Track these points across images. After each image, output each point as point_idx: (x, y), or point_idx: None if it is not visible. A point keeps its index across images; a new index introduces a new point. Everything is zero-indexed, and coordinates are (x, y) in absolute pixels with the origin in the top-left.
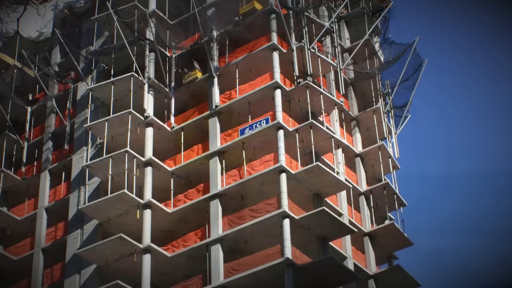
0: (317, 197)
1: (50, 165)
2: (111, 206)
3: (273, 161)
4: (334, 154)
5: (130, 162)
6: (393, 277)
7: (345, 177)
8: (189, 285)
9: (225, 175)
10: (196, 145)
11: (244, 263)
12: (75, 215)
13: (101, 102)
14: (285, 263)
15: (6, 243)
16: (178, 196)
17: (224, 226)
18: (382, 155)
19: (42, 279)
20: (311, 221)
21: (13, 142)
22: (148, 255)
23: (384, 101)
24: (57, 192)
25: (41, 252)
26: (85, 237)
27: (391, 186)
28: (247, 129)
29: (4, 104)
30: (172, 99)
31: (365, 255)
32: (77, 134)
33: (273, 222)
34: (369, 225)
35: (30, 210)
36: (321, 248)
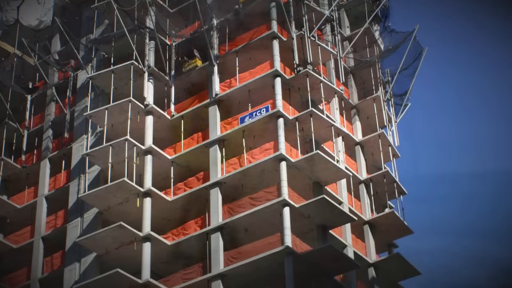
0: (317, 185)
1: (50, 153)
2: (111, 194)
3: (273, 150)
4: (334, 142)
5: (130, 150)
6: (393, 265)
7: (345, 165)
8: (189, 273)
9: (225, 164)
10: (196, 134)
11: (244, 251)
12: (75, 203)
13: (101, 90)
14: (285, 251)
15: (6, 231)
16: (178, 184)
17: (224, 214)
18: (382, 143)
19: (42, 267)
20: (311, 209)
21: (13, 130)
22: (148, 243)
23: (384, 89)
24: (57, 180)
25: (41, 240)
26: (85, 225)
27: (391, 174)
28: (247, 117)
29: (4, 92)
30: (172, 88)
31: (365, 243)
32: (77, 122)
33: (273, 210)
34: (369, 213)
35: (30, 198)
36: (321, 237)
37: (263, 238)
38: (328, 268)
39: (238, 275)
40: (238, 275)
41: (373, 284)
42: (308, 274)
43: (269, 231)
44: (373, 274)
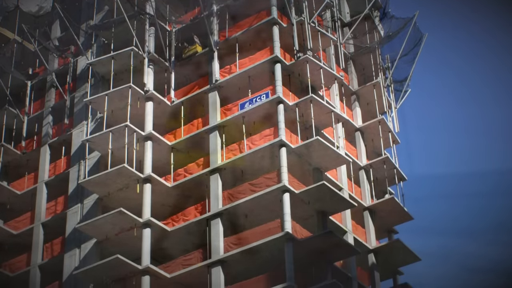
0: (317, 171)
1: (50, 140)
2: (111, 180)
3: (273, 136)
4: (334, 129)
5: (130, 137)
6: (393, 251)
7: (345, 151)
8: (189, 259)
9: (225, 150)
10: (196, 120)
11: (244, 238)
12: (75, 189)
13: (101, 76)
14: (285, 237)
15: (6, 217)
16: (178, 170)
17: (224, 200)
18: (382, 129)
19: (42, 253)
20: (311, 195)
21: (13, 116)
22: (148, 229)
23: (384, 75)
24: (57, 167)
25: (41, 226)
26: (85, 211)
27: (391, 160)
28: (247, 103)
29: (4, 78)
30: (172, 74)
31: (365, 229)
32: (77, 108)
33: (273, 196)
34: (369, 199)
35: (30, 185)
36: (321, 222)
37: (263, 224)
38: (328, 254)
39: (238, 261)
40: (238, 261)
41: (373, 270)
42: (308, 260)
43: (269, 217)
44: (373, 260)
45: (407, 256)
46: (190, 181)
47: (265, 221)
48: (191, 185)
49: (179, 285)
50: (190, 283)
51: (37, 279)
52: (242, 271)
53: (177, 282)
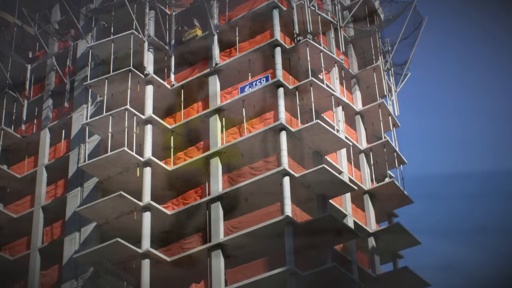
0: (317, 155)
1: (50, 123)
2: (111, 164)
3: (273, 119)
4: (334, 112)
5: (130, 120)
6: (393, 235)
7: (345, 135)
8: (189, 243)
9: (225, 133)
10: (196, 103)
11: (244, 221)
12: (75, 173)
13: (101, 60)
14: (285, 221)
15: (6, 201)
16: (178, 154)
17: (224, 184)
18: (382, 113)
19: (42, 237)
20: (311, 179)
21: (13, 100)
22: (148, 213)
23: (384, 59)
24: (57, 150)
25: (41, 210)
26: (85, 195)
27: (391, 144)
28: (247, 87)
29: (4, 62)
30: (172, 57)
31: (365, 213)
32: (77, 92)
33: (273, 180)
34: (369, 183)
35: (30, 168)
36: (321, 206)
37: (263, 208)
38: (328, 237)
39: (238, 244)
40: (238, 245)
41: (373, 254)
42: (308, 243)
43: (269, 201)
44: (373, 244)
45: (407, 240)
46: (190, 164)
47: (265, 204)
48: (191, 169)
49: (179, 269)
50: (190, 266)
51: (37, 262)
52: (242, 255)
53: (177, 266)
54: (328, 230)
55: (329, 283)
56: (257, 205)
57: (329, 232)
